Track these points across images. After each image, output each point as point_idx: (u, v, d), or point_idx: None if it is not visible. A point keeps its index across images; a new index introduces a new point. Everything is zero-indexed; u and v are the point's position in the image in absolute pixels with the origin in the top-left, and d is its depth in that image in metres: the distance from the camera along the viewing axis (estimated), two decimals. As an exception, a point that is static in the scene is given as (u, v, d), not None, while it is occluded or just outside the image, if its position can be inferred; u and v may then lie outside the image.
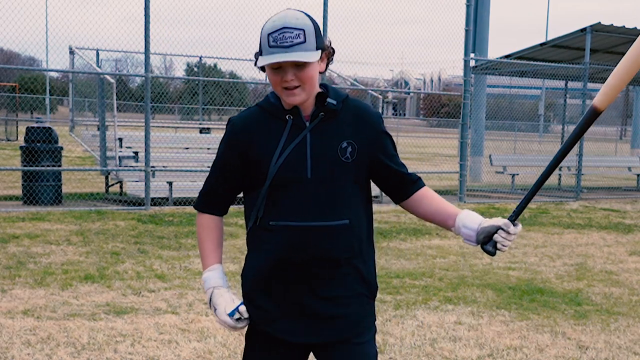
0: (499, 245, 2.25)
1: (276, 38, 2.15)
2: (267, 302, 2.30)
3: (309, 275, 2.26)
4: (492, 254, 2.27)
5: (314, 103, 2.26)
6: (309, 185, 2.22)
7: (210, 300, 2.32)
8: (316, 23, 2.21)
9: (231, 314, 2.26)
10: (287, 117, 2.26)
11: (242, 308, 2.28)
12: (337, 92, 2.31)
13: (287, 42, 2.14)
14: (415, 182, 2.40)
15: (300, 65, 2.17)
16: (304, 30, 2.16)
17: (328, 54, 2.27)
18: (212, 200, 2.40)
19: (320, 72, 2.25)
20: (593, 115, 2.22)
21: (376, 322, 2.41)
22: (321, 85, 2.31)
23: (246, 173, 2.29)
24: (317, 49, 2.19)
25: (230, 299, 2.29)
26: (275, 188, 2.23)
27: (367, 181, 2.35)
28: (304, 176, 2.22)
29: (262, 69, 2.27)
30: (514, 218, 2.26)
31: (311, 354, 2.39)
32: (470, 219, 2.30)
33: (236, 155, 2.29)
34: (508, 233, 2.24)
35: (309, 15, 2.21)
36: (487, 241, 2.27)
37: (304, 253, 2.23)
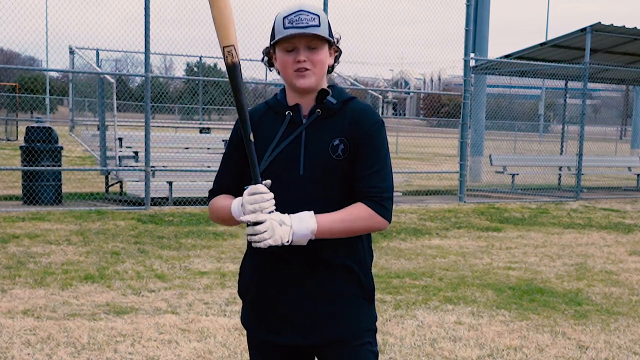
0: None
1: (292, 20, 2.19)
2: (260, 301, 2.31)
3: (301, 275, 2.25)
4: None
5: (315, 99, 2.28)
6: (302, 182, 2.22)
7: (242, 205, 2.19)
8: (327, 18, 2.27)
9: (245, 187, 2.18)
10: (286, 113, 2.28)
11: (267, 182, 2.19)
12: (341, 93, 2.32)
13: (302, 23, 2.19)
14: (360, 194, 2.23)
15: (313, 48, 2.22)
16: (319, 16, 2.21)
17: (336, 50, 2.31)
18: (221, 190, 2.39)
19: (328, 66, 2.28)
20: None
21: (376, 323, 2.40)
22: (329, 86, 2.33)
23: (247, 167, 2.28)
24: (330, 36, 2.25)
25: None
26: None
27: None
28: (296, 174, 2.23)
29: (270, 64, 2.30)
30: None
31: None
32: None
33: (235, 148, 2.33)
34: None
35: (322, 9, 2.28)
36: None
37: (294, 251, 2.21)
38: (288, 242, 2.14)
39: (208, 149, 13.66)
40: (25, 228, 8.67)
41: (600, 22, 14.44)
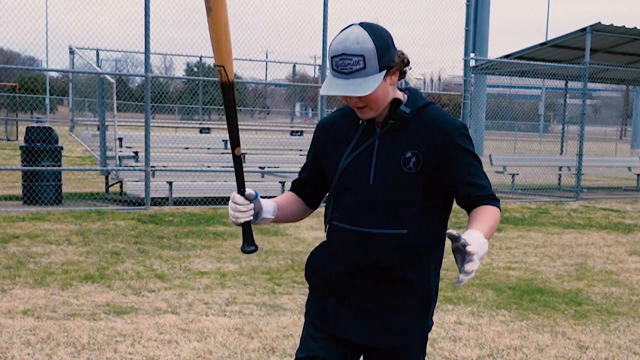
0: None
1: (337, 63, 2.16)
2: (325, 297, 2.37)
3: (364, 280, 2.29)
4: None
5: (388, 110, 2.26)
6: (371, 191, 2.23)
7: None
8: (381, 40, 2.14)
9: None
10: (360, 122, 2.29)
11: (250, 190, 2.29)
12: (416, 100, 2.28)
13: (346, 69, 2.14)
14: (474, 199, 2.26)
15: None
16: (363, 57, 2.12)
17: (399, 67, 2.23)
18: (298, 187, 2.51)
19: (392, 84, 2.23)
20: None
21: (430, 331, 2.43)
22: (406, 89, 2.31)
23: (324, 172, 2.39)
24: (382, 69, 2.15)
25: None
26: (340, 190, 2.29)
27: (439, 192, 2.28)
28: (366, 182, 2.24)
29: None
30: None
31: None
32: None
33: (317, 154, 2.41)
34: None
35: (374, 33, 2.14)
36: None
37: (359, 257, 2.27)
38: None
39: (208, 149, 13.66)
40: (25, 228, 8.67)
41: (600, 22, 14.43)
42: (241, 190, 2.28)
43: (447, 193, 2.30)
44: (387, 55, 2.16)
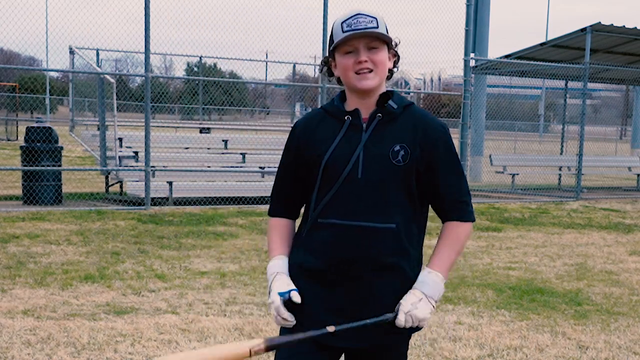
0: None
1: (350, 23, 2.20)
2: (310, 302, 2.28)
3: (353, 276, 2.25)
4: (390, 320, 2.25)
5: (375, 104, 2.28)
6: (359, 185, 2.24)
7: (270, 284, 2.30)
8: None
9: (281, 294, 2.24)
10: (345, 117, 2.28)
11: (295, 294, 2.24)
12: (401, 98, 2.31)
13: (361, 25, 2.19)
14: (447, 212, 2.35)
15: (374, 48, 2.21)
16: (376, 19, 2.22)
17: (394, 54, 2.30)
18: (280, 202, 2.42)
19: (388, 67, 2.29)
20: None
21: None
22: (388, 91, 2.34)
23: (306, 172, 2.32)
24: (389, 38, 2.25)
25: (286, 283, 2.28)
26: (326, 185, 2.26)
27: (422, 186, 2.32)
28: (355, 176, 2.24)
29: (330, 73, 2.32)
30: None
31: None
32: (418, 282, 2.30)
33: (295, 155, 2.35)
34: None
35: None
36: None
37: (349, 252, 2.24)
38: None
39: (208, 149, 13.66)
40: (25, 228, 8.67)
41: (600, 22, 14.43)
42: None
43: (427, 188, 2.32)
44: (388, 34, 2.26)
